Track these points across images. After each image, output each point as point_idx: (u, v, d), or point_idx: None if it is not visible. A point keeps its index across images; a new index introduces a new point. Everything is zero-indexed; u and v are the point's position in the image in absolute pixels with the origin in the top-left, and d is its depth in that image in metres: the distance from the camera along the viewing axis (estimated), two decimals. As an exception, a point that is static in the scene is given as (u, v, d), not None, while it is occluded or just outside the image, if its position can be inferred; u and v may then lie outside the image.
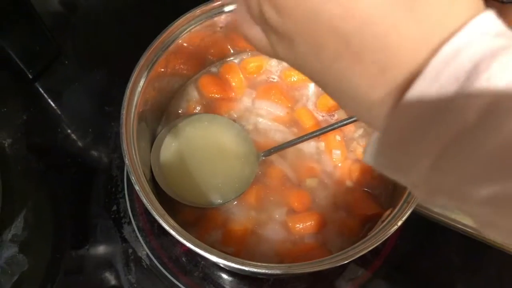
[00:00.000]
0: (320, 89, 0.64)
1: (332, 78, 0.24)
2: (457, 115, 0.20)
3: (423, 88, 0.20)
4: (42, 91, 0.74)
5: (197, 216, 0.58)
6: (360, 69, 0.22)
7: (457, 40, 0.20)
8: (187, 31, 0.58)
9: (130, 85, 0.54)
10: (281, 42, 0.26)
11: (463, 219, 0.50)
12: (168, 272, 0.60)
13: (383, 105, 0.23)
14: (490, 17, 0.20)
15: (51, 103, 0.73)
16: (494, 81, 0.19)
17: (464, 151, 0.20)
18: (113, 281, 0.60)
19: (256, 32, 0.29)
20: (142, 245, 0.62)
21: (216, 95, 0.66)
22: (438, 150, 0.21)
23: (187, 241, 0.45)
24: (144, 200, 0.47)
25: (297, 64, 0.26)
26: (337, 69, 0.23)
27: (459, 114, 0.20)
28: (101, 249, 0.62)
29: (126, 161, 0.50)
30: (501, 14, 0.21)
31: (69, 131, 0.71)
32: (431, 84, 0.20)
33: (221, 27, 0.61)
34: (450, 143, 0.20)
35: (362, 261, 0.61)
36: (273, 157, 0.61)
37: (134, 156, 0.51)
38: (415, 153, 0.22)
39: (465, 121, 0.20)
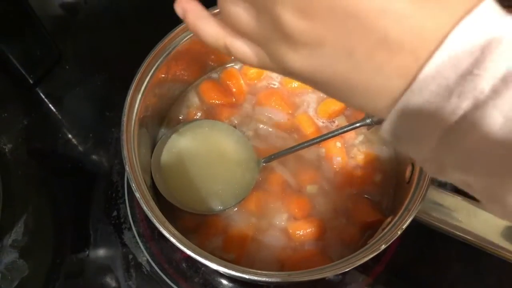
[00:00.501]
0: (322, 95, 0.64)
1: (363, 77, 0.24)
2: (471, 86, 0.21)
3: (441, 62, 0.21)
4: (43, 96, 0.74)
5: (198, 223, 0.58)
6: (397, 61, 0.23)
7: (471, 19, 0.21)
8: (188, 37, 0.58)
9: (131, 91, 0.54)
10: (296, 50, 0.25)
11: (463, 224, 0.50)
12: (169, 278, 0.60)
13: (403, 90, 0.23)
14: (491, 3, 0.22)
15: (52, 108, 0.73)
16: (506, 55, 0.21)
17: (474, 124, 0.22)
18: (113, 287, 0.60)
19: (242, 46, 0.28)
20: (143, 251, 0.62)
21: (217, 101, 0.66)
22: (447, 125, 0.22)
23: (187, 248, 0.45)
24: (145, 208, 0.47)
25: (314, 72, 0.26)
26: (370, 66, 0.23)
27: (473, 85, 0.21)
28: (101, 255, 0.62)
29: (127, 168, 0.50)
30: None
31: (69, 136, 0.71)
32: (449, 58, 0.21)
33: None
34: (461, 118, 0.22)
35: (362, 268, 0.61)
36: (274, 164, 0.61)
37: (135, 163, 0.51)
38: (428, 127, 0.23)
39: (480, 92, 0.21)
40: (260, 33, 0.26)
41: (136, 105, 0.55)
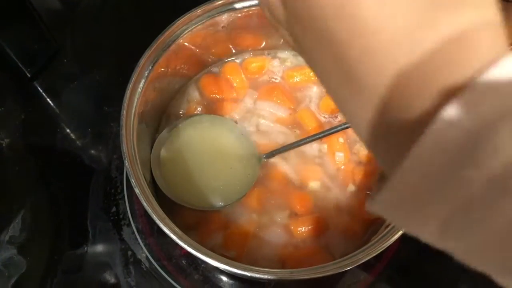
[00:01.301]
0: (323, 89, 0.63)
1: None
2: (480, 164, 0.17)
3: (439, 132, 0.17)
4: (41, 90, 0.73)
5: (198, 219, 0.57)
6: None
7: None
8: (188, 31, 0.58)
9: (130, 85, 0.53)
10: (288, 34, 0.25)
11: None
12: (168, 275, 0.59)
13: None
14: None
15: (50, 102, 0.72)
16: None
17: (480, 215, 0.18)
18: (112, 284, 0.59)
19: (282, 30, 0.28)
20: (142, 247, 0.61)
21: (218, 96, 0.65)
22: (468, 195, 0.18)
23: (187, 245, 0.44)
24: (144, 204, 0.46)
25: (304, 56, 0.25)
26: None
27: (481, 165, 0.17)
28: (100, 251, 0.61)
29: (126, 163, 0.49)
30: (506, 12, 0.20)
31: (68, 131, 0.70)
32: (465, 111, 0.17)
33: (222, 27, 0.60)
34: (465, 204, 0.18)
35: (364, 265, 0.60)
36: (275, 159, 0.60)
37: (134, 158, 0.50)
38: (432, 200, 0.19)
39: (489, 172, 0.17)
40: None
41: (136, 100, 0.54)
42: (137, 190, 0.47)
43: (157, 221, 0.45)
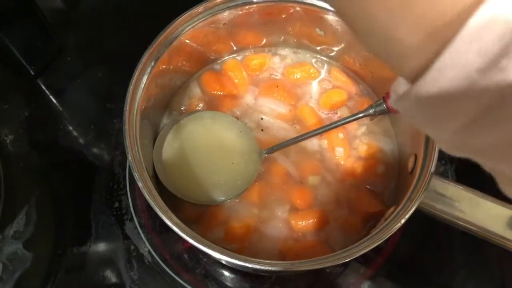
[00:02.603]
0: (325, 85, 0.64)
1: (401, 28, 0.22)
2: (501, 76, 0.18)
3: (462, 46, 0.19)
4: (44, 88, 0.74)
5: (199, 214, 0.58)
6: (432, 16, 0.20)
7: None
8: (190, 28, 0.58)
9: (132, 81, 0.53)
10: None
11: (466, 214, 0.50)
12: (170, 269, 0.60)
13: (422, 53, 0.21)
14: None
15: (53, 99, 0.73)
16: None
17: (504, 116, 0.19)
18: (114, 278, 0.60)
19: None
20: (144, 242, 0.62)
21: (219, 92, 0.65)
22: (474, 113, 0.20)
23: (190, 237, 0.45)
24: (147, 196, 0.47)
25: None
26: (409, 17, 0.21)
27: (503, 74, 0.18)
28: (103, 246, 0.62)
29: (129, 157, 0.49)
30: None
31: (70, 128, 0.71)
32: (471, 43, 0.18)
33: (224, 24, 0.61)
34: (489, 107, 0.19)
35: (364, 259, 0.61)
36: (276, 155, 0.61)
37: (137, 153, 0.51)
38: (448, 112, 0.21)
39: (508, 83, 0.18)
40: None
41: (138, 96, 0.54)
42: (139, 183, 0.47)
43: (160, 214, 0.46)
